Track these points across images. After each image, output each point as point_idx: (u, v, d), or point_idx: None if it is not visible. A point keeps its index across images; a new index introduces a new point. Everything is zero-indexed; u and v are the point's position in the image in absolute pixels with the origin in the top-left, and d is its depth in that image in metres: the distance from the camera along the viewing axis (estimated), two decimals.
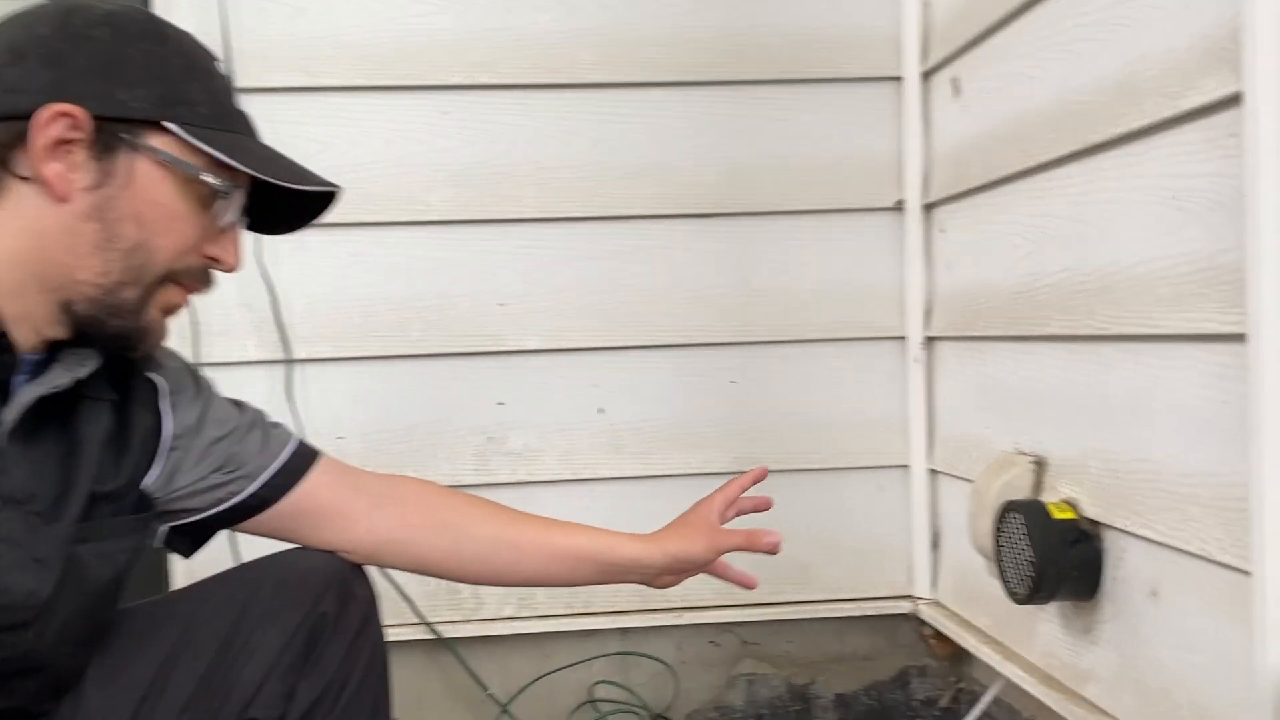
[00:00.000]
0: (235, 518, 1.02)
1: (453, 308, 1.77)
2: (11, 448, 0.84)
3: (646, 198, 1.78)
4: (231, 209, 0.89)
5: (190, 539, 1.03)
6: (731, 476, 1.78)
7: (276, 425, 1.07)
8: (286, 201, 0.92)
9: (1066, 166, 1.32)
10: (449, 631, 1.75)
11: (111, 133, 0.83)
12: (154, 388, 0.98)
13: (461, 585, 1.78)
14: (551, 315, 1.78)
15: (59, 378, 0.87)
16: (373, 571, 1.71)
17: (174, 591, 1.08)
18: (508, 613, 1.79)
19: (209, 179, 0.86)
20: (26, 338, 0.84)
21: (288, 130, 1.72)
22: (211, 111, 0.87)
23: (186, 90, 0.86)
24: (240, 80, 1.70)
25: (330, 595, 1.00)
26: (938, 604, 1.77)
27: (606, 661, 1.79)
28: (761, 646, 1.82)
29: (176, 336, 1.68)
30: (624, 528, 1.77)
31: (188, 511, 1.00)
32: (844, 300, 1.82)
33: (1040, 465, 1.41)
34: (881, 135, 1.81)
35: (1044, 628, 1.42)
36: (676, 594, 1.79)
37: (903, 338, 1.82)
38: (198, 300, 1.68)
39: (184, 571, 1.71)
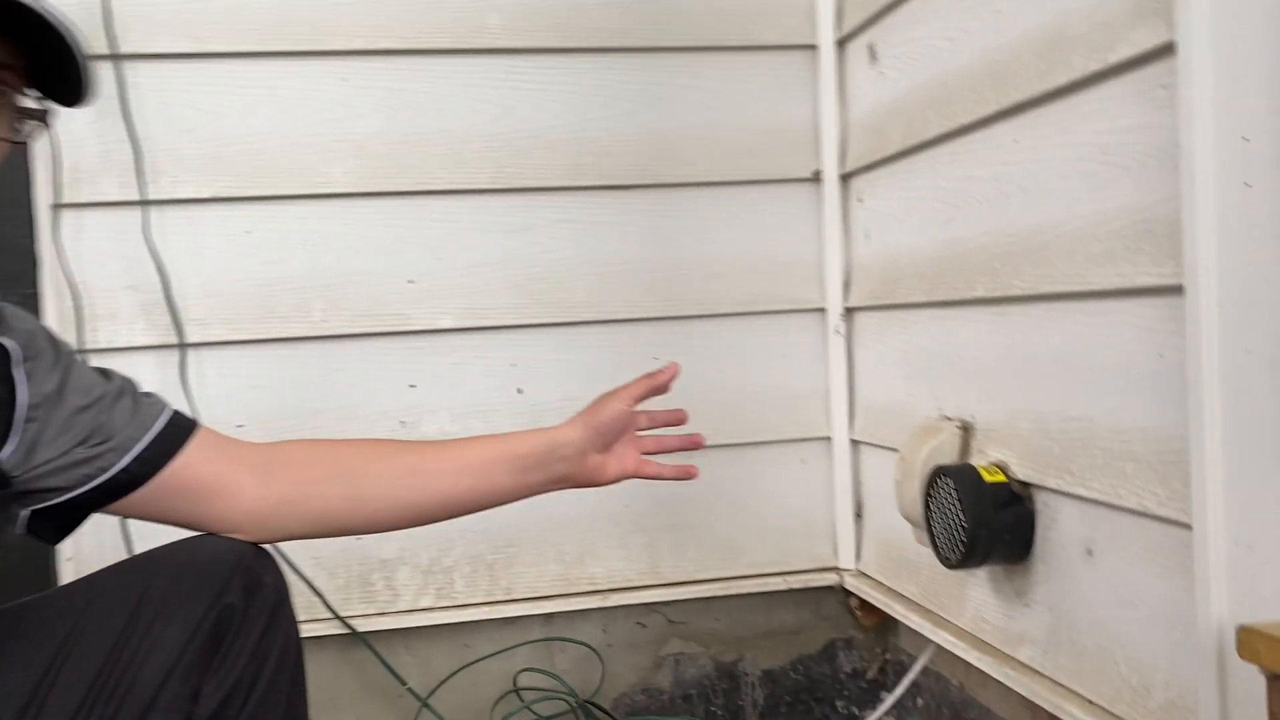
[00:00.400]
0: (105, 497, 0.93)
1: (358, 286, 1.68)
2: None
3: (561, 169, 1.72)
4: None
5: (55, 523, 0.94)
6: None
7: (149, 395, 0.99)
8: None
9: (990, 128, 1.31)
10: (363, 625, 1.67)
11: None
12: (4, 353, 0.89)
13: (374, 576, 1.70)
14: (465, 292, 1.70)
15: None
16: (281, 566, 1.63)
17: (60, 587, 0.98)
18: (425, 603, 1.72)
19: None
20: None
21: (176, 99, 1.62)
22: None
23: None
24: (122, 46, 1.59)
25: (235, 585, 0.92)
26: (863, 575, 1.77)
27: (530, 649, 1.73)
28: (688, 625, 1.78)
29: (58, 320, 1.58)
30: (549, 511, 1.74)
31: (51, 491, 0.91)
32: (764, 273, 1.79)
33: (967, 429, 1.41)
34: (798, 104, 1.79)
35: (975, 593, 1.41)
36: (601, 576, 1.76)
37: (822, 309, 1.81)
38: (82, 282, 1.59)
39: (73, 569, 1.59)
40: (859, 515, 1.80)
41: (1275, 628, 0.80)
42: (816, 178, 1.79)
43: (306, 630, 1.63)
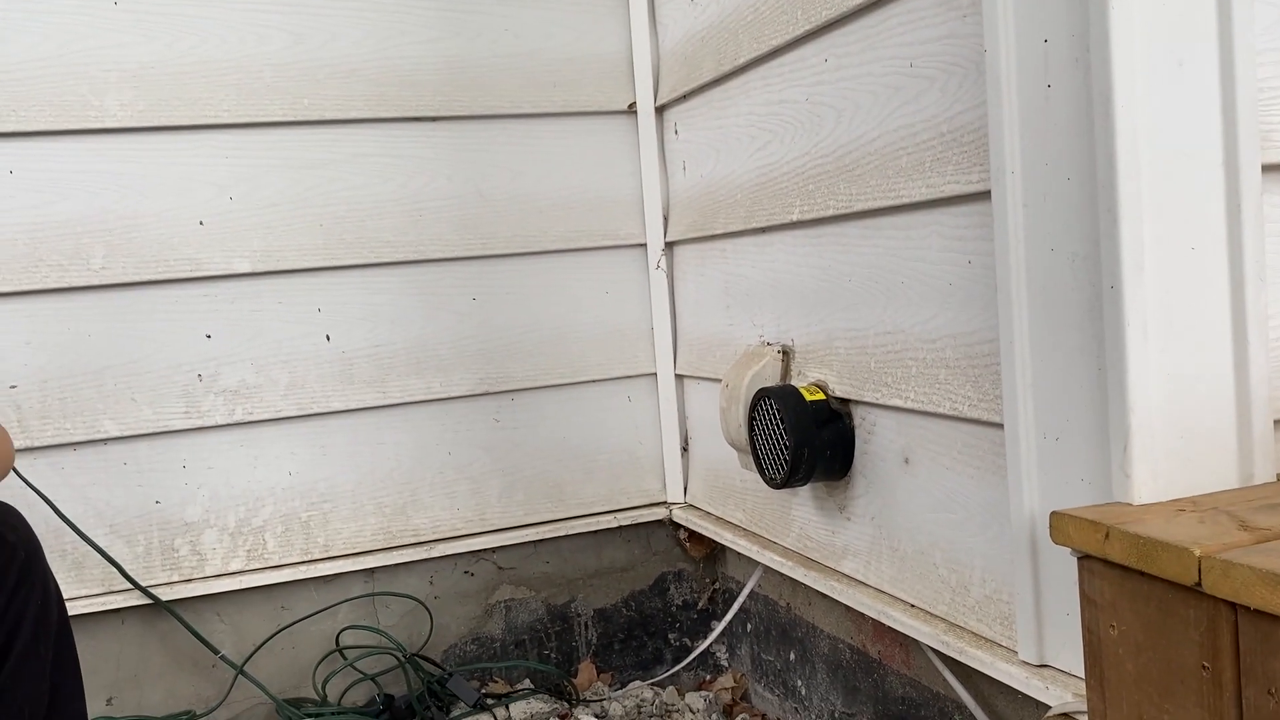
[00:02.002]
0: None
1: (143, 229, 1.55)
2: None
3: (361, 100, 1.62)
4: None
5: None
6: (480, 399, 1.71)
7: None
8: None
9: (800, 49, 1.32)
10: (168, 594, 1.55)
11: None
12: None
13: (178, 541, 1.59)
14: (261, 233, 1.59)
15: None
16: (69, 538, 1.50)
17: None
18: (235, 566, 1.61)
19: None
20: None
21: None
22: None
23: None
24: None
25: None
26: (691, 506, 1.78)
27: (352, 606, 1.66)
28: (518, 571, 1.75)
29: None
30: (366, 463, 1.67)
31: None
32: (584, 208, 1.75)
33: (787, 353, 1.42)
34: (611, 35, 1.75)
35: (799, 512, 1.44)
36: (425, 527, 1.70)
37: (643, 245, 1.79)
38: None
39: None
40: (685, 449, 1.81)
41: (1085, 510, 0.84)
42: (632, 110, 1.77)
43: (104, 604, 1.52)
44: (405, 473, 1.69)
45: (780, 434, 1.31)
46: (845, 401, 1.31)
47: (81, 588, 1.52)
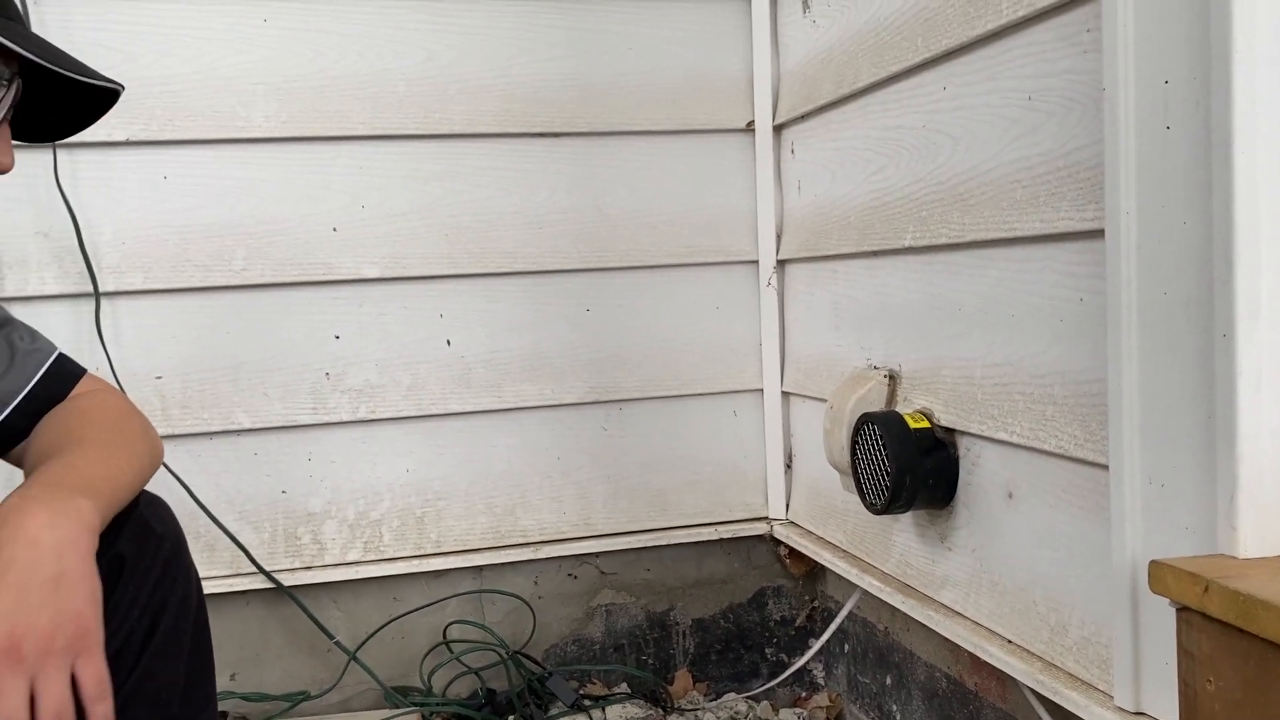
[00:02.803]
0: None
1: (280, 234, 1.64)
2: None
3: (489, 115, 1.68)
4: (5, 102, 0.82)
5: None
6: (589, 406, 1.76)
7: (33, 338, 0.95)
8: (58, 105, 0.85)
9: (919, 75, 1.32)
10: (289, 579, 1.64)
11: None
12: None
13: (300, 530, 1.68)
14: (390, 241, 1.67)
15: None
16: (204, 521, 1.60)
17: None
18: (352, 557, 1.70)
19: None
20: None
21: (86, 39, 1.56)
22: None
23: None
24: None
25: (125, 535, 0.88)
26: (792, 524, 1.79)
27: (460, 601, 1.72)
28: (620, 576, 1.79)
29: None
30: (479, 464, 1.73)
31: None
32: (697, 224, 1.78)
33: (894, 378, 1.42)
34: (732, 54, 1.77)
35: (900, 538, 1.44)
36: (532, 528, 1.75)
37: (755, 261, 1.81)
38: None
39: None
40: (789, 466, 1.82)
41: (1185, 562, 0.82)
42: (750, 129, 1.78)
43: (231, 585, 1.62)
44: (515, 475, 1.74)
45: (882, 460, 1.31)
46: (950, 431, 1.30)
47: (212, 569, 1.63)
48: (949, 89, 1.25)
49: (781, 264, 1.79)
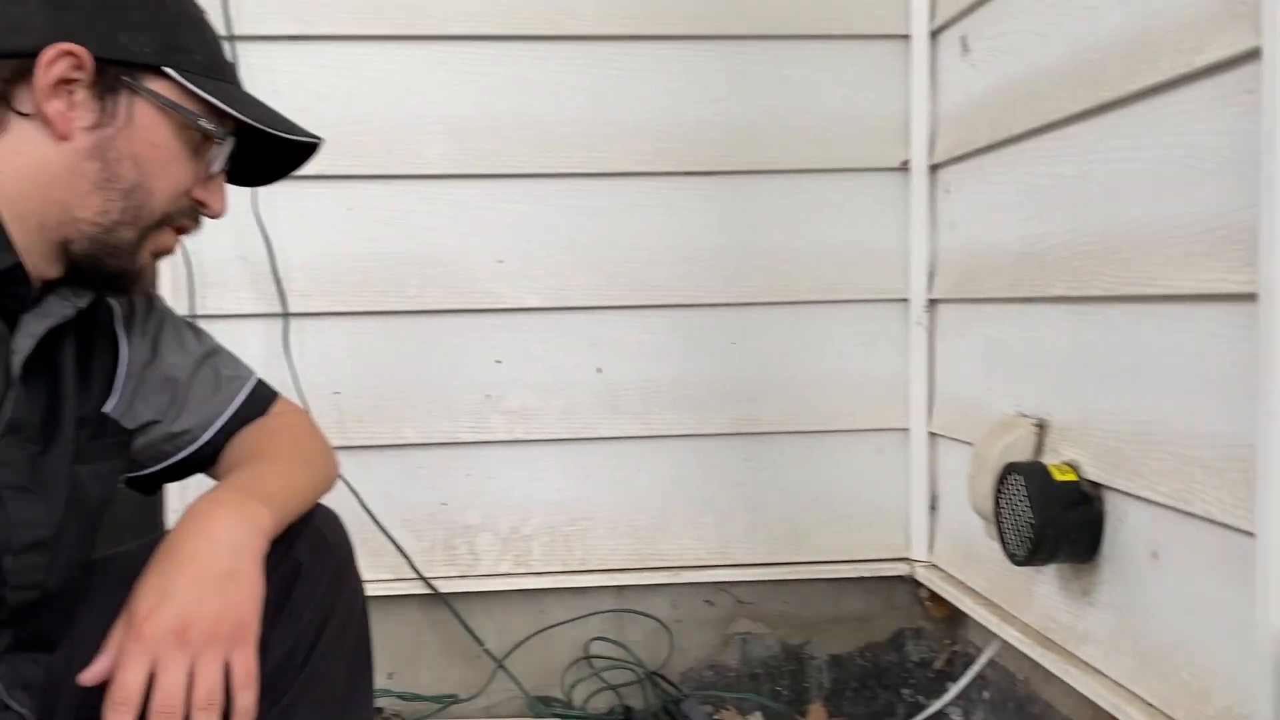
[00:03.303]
0: (186, 469, 1.03)
1: (451, 263, 1.75)
2: (13, 377, 0.85)
3: (647, 154, 1.75)
4: (222, 155, 0.91)
5: (146, 484, 1.05)
6: (731, 438, 1.80)
7: (234, 364, 1.06)
8: (266, 154, 0.94)
9: (1075, 125, 1.31)
10: (445, 587, 1.75)
11: (113, 75, 0.84)
12: (109, 311, 0.98)
13: (457, 540, 1.78)
14: (550, 273, 1.76)
15: (60, 308, 0.88)
16: (371, 528, 1.72)
17: (149, 540, 1.07)
18: (503, 569, 1.79)
19: (205, 125, 0.88)
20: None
21: (285, 81, 1.70)
22: (206, 60, 0.89)
23: (184, 38, 0.88)
24: (236, 27, 1.67)
25: (302, 543, 0.97)
26: (934, 567, 1.78)
27: (602, 619, 1.79)
28: (756, 606, 1.82)
29: (172, 288, 1.69)
30: (625, 488, 1.79)
31: (136, 464, 1.01)
32: (846, 261, 1.80)
33: (1042, 427, 1.41)
34: (888, 94, 1.78)
35: (1042, 590, 1.42)
36: (672, 553, 1.81)
37: (905, 300, 1.81)
38: (194, 252, 1.69)
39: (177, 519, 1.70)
40: (933, 507, 1.81)
41: None
42: (904, 167, 1.79)
43: (392, 589, 1.74)
44: (658, 500, 1.80)
45: (1026, 511, 1.30)
46: (1097, 485, 1.28)
47: (377, 573, 1.74)
48: (1104, 141, 1.24)
49: (932, 303, 1.79)
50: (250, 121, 0.89)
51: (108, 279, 0.90)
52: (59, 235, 0.85)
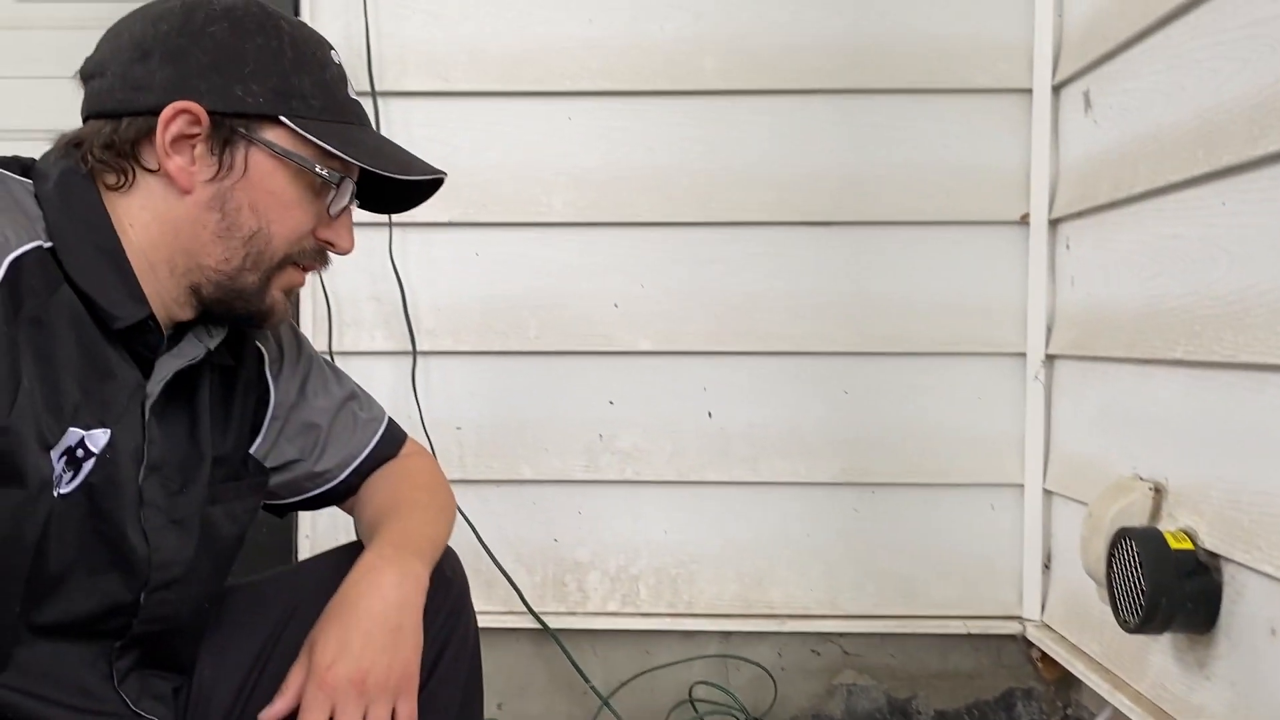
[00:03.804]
0: (321, 502, 1.11)
1: (568, 307, 1.81)
2: (153, 417, 0.90)
3: (762, 204, 1.78)
4: (342, 197, 0.93)
5: (280, 510, 1.12)
6: (842, 487, 1.80)
7: (369, 404, 1.13)
8: (393, 186, 0.96)
9: (1199, 188, 1.28)
10: (554, 622, 1.80)
11: (229, 127, 0.87)
12: (260, 355, 1.04)
13: (568, 577, 1.83)
14: (663, 317, 1.80)
15: (192, 349, 0.93)
16: (485, 561, 1.79)
17: (280, 569, 1.15)
18: (611, 607, 1.83)
19: (320, 171, 0.90)
20: (159, 316, 0.90)
21: (421, 133, 1.80)
22: (323, 103, 0.90)
23: (299, 83, 0.89)
24: (379, 84, 1.78)
25: None
26: (1046, 627, 1.74)
27: (706, 663, 1.81)
28: (863, 658, 1.81)
29: (312, 325, 1.79)
30: (732, 533, 1.81)
31: (275, 495, 1.08)
32: (962, 314, 1.79)
33: (1159, 492, 1.37)
34: (1008, 148, 1.77)
35: (1156, 659, 1.38)
36: (779, 600, 1.81)
37: (1022, 354, 1.78)
38: (333, 293, 1.80)
39: (309, 545, 1.81)
40: (1047, 566, 1.77)
41: None
42: (1024, 221, 1.78)
43: (504, 622, 1.80)
44: (766, 547, 1.81)
45: (1138, 579, 1.27)
46: (1215, 555, 1.24)
47: (489, 604, 1.81)
48: (1227, 204, 1.21)
49: (1050, 359, 1.76)
50: (363, 165, 0.90)
51: (239, 320, 0.94)
52: (188, 281, 0.90)
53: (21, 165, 0.89)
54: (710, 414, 1.81)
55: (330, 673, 0.90)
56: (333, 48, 0.95)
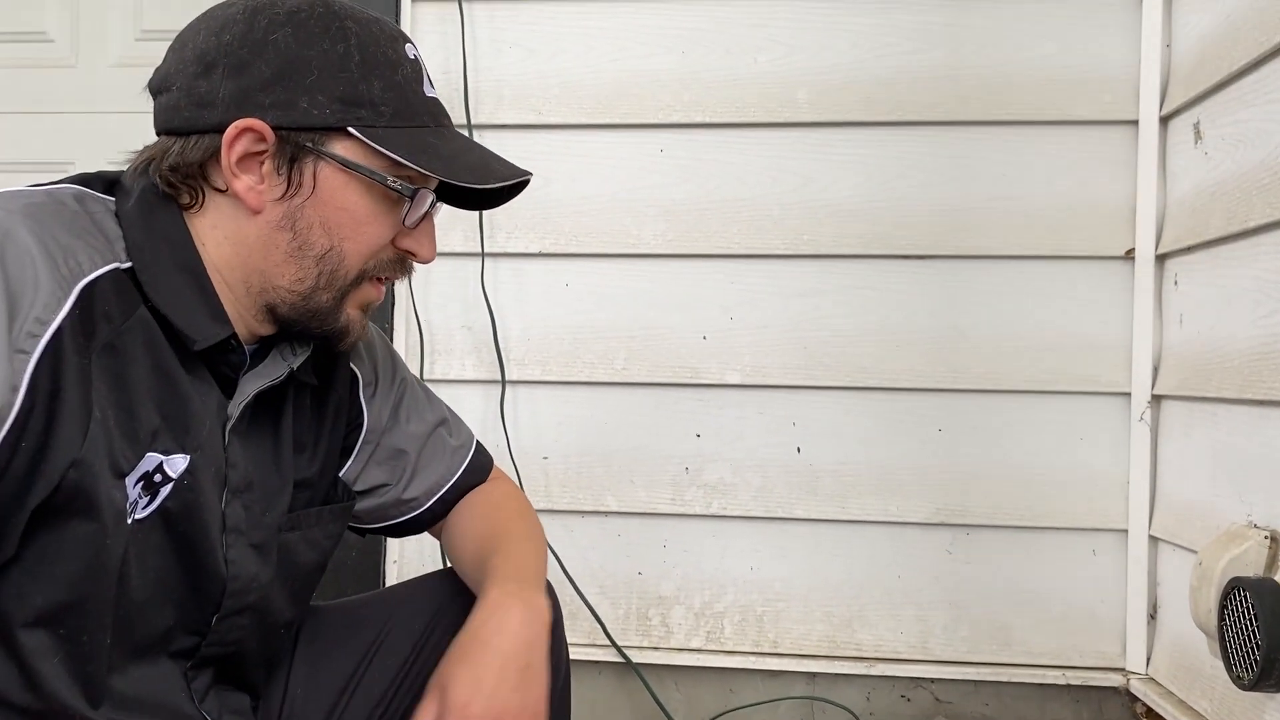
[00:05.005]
0: (409, 529, 1.10)
1: (656, 338, 1.81)
2: (234, 439, 0.89)
3: (855, 237, 1.76)
4: (419, 208, 0.88)
5: (364, 531, 1.11)
6: (935, 528, 1.75)
7: (459, 431, 1.12)
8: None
9: None
10: (637, 657, 1.78)
11: (295, 142, 0.83)
12: (355, 379, 1.02)
13: (651, 611, 1.81)
14: (752, 351, 1.78)
15: (275, 369, 0.91)
16: (569, 592, 1.78)
17: (372, 594, 1.15)
18: (695, 644, 1.80)
19: (393, 183, 0.85)
20: (240, 334, 0.88)
21: (513, 159, 1.82)
22: (394, 109, 0.85)
23: (368, 90, 0.84)
24: (475, 116, 1.82)
25: None
26: (1152, 680, 1.65)
27: (792, 705, 1.77)
28: (955, 706, 1.74)
29: (405, 352, 1.82)
30: (820, 571, 1.78)
31: (363, 520, 1.08)
32: (1063, 351, 1.73)
33: (1275, 541, 1.30)
34: (1113, 181, 1.72)
35: (1272, 718, 1.29)
36: (868, 643, 1.77)
37: (1127, 394, 1.71)
38: (426, 320, 1.83)
39: (396, 571, 1.82)
40: (1153, 616, 1.69)
41: None
42: (1129, 256, 1.71)
43: (588, 654, 1.78)
44: (855, 587, 1.77)
45: (1253, 632, 1.20)
46: None
47: (573, 635, 1.79)
48: None
49: (1157, 399, 1.69)
50: (436, 175, 0.85)
51: (316, 338, 0.91)
52: (264, 300, 0.87)
53: (105, 181, 0.87)
54: (799, 449, 1.78)
55: (466, 711, 0.87)
56: (408, 40, 0.89)
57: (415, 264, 0.93)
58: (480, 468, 1.12)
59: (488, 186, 0.88)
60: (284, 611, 0.98)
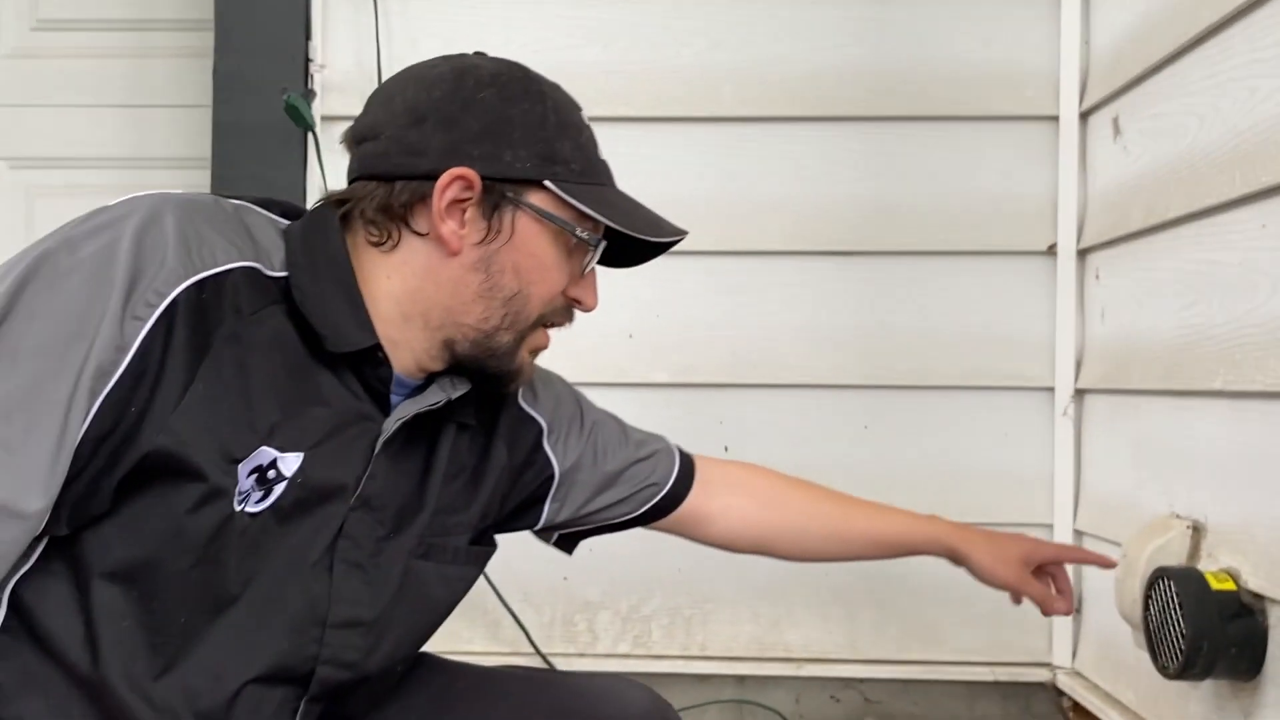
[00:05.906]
0: (615, 529, 1.19)
1: (580, 336, 1.71)
2: (382, 456, 0.90)
3: (780, 234, 1.74)
4: (595, 256, 0.95)
5: (572, 542, 1.22)
6: None
7: (657, 442, 1.19)
8: (638, 243, 0.96)
9: (1237, 210, 1.23)
10: (563, 664, 1.73)
11: (498, 192, 0.89)
12: (536, 428, 1.07)
13: (577, 617, 1.77)
14: (679, 349, 1.76)
15: (434, 395, 0.93)
16: (491, 600, 1.72)
17: (491, 669, 1.11)
18: (622, 649, 1.76)
19: (581, 233, 0.92)
20: (405, 364, 0.91)
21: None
22: (581, 167, 0.92)
23: (560, 148, 0.91)
24: None
25: None
26: (1077, 674, 1.66)
27: (721, 709, 1.74)
28: (884, 705, 1.73)
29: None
30: (753, 571, 1.74)
31: (570, 524, 1.16)
32: (988, 346, 1.73)
33: (1198, 530, 1.30)
34: (1035, 177, 1.73)
35: (1197, 708, 1.30)
36: (797, 644, 1.74)
37: (1050, 389, 1.72)
38: None
39: None
40: (1078, 610, 1.69)
41: None
42: (1052, 252, 1.72)
43: (509, 661, 1.72)
44: (782, 588, 1.75)
45: (1177, 621, 1.20)
46: (1259, 597, 1.17)
47: (495, 644, 1.75)
48: (1268, 226, 1.16)
49: (1080, 393, 1.70)
50: (621, 229, 0.92)
51: (487, 378, 0.95)
52: (442, 336, 0.91)
53: (283, 208, 0.92)
54: (726, 448, 1.76)
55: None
56: (580, 108, 0.96)
57: (579, 311, 0.99)
58: (688, 472, 1.21)
59: (662, 240, 0.96)
60: (404, 642, 0.96)
